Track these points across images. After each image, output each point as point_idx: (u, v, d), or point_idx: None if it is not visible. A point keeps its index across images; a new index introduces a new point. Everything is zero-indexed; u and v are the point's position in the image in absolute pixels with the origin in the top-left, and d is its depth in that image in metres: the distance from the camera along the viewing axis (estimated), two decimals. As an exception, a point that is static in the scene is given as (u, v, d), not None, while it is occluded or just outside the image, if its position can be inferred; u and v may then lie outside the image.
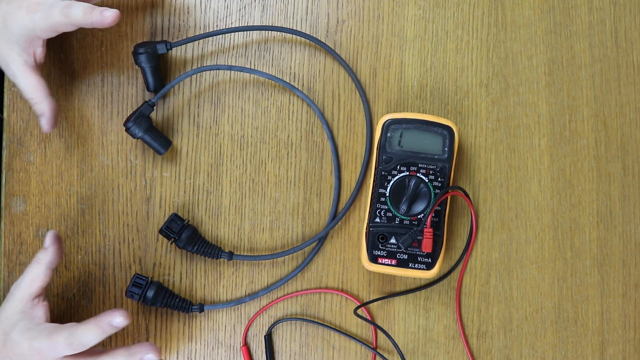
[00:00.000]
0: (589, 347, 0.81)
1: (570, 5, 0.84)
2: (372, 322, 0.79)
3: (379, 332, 0.80)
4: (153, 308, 0.79)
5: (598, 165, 0.83)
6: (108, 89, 0.82)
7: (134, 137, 0.77)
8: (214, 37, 0.82)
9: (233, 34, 0.83)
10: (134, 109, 0.79)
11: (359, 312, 0.80)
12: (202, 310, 0.78)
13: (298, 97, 0.82)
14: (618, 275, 0.81)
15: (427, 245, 0.75)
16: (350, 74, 0.82)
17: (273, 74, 0.82)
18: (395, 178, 0.76)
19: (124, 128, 0.77)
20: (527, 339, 0.80)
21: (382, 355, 0.79)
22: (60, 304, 0.79)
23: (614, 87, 0.84)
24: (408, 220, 0.76)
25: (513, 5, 0.84)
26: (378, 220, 0.76)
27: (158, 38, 0.83)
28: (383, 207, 0.76)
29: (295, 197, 0.81)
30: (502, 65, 0.83)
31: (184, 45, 0.82)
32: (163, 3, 0.83)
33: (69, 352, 0.68)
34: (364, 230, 0.77)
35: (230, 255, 0.79)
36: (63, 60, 0.82)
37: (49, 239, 0.71)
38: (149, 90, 0.81)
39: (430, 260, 0.76)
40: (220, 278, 0.80)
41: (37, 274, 0.70)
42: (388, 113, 0.81)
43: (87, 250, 0.80)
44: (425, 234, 0.75)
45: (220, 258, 0.79)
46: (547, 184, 0.82)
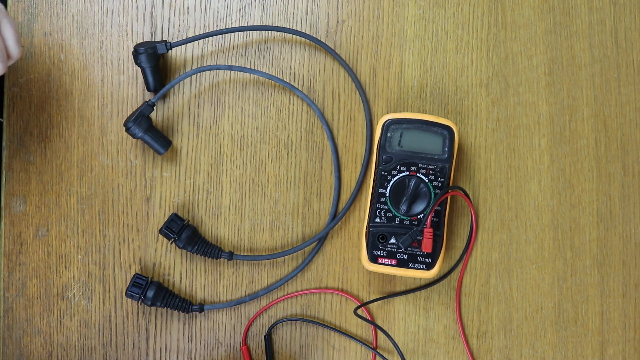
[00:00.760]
0: (589, 347, 0.81)
1: (570, 5, 0.84)
2: (372, 322, 0.79)
3: (379, 332, 0.80)
4: (153, 308, 0.79)
5: (598, 165, 0.83)
6: (108, 89, 0.82)
7: (134, 137, 0.77)
8: (214, 37, 0.82)
9: (233, 34, 0.83)
10: (134, 109, 0.79)
11: (359, 312, 0.80)
12: (202, 310, 0.78)
13: (298, 97, 0.82)
14: (618, 275, 0.81)
15: (427, 245, 0.75)
16: (350, 74, 0.82)
17: (273, 74, 0.82)
18: (395, 178, 0.76)
19: (124, 128, 0.77)
20: (527, 339, 0.80)
21: (382, 355, 0.79)
22: (60, 304, 0.79)
23: (614, 87, 0.84)
24: (408, 220, 0.76)
25: (513, 5, 0.84)
26: (378, 220, 0.76)
27: (158, 38, 0.83)
28: (383, 207, 0.76)
29: (295, 197, 0.81)
30: (502, 65, 0.83)
31: (184, 45, 0.82)
32: (163, 3, 0.83)
33: None
34: (364, 230, 0.77)
35: (230, 255, 0.79)
36: (63, 61, 0.82)
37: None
38: (149, 90, 0.81)
39: (430, 260, 0.76)
40: (220, 278, 0.80)
41: None
42: (388, 113, 0.81)
43: (87, 250, 0.80)
44: (425, 234, 0.75)
45: (220, 258, 0.79)
46: (547, 184, 0.82)
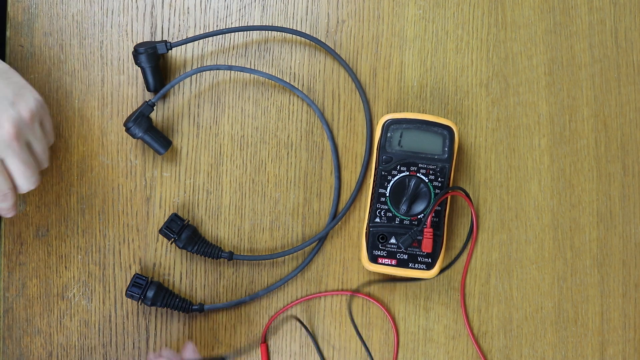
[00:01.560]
0: (589, 347, 0.81)
1: (570, 5, 0.84)
2: (355, 325, 0.79)
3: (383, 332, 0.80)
4: (153, 308, 0.79)
5: (598, 165, 0.83)
6: (108, 89, 0.82)
7: (134, 137, 0.77)
8: (214, 37, 0.82)
9: (233, 34, 0.83)
10: (134, 109, 0.79)
11: (353, 312, 0.80)
12: (202, 310, 0.78)
13: (298, 97, 0.82)
14: (618, 275, 0.81)
15: (427, 245, 0.75)
16: (350, 74, 0.82)
17: (273, 74, 0.82)
18: (395, 178, 0.76)
19: (124, 128, 0.77)
20: (527, 339, 0.80)
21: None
22: (60, 304, 0.79)
23: (614, 87, 0.84)
24: (408, 220, 0.76)
25: (513, 5, 0.84)
26: (378, 220, 0.76)
27: (158, 38, 0.83)
28: (383, 207, 0.76)
29: (295, 197, 0.81)
30: (502, 65, 0.83)
31: (184, 45, 0.82)
32: (163, 3, 0.83)
33: None
34: (364, 230, 0.77)
35: (230, 255, 0.79)
36: (63, 61, 0.82)
37: None
38: (149, 90, 0.81)
39: (430, 260, 0.76)
40: (220, 278, 0.80)
41: None
42: (388, 113, 0.81)
43: (87, 250, 0.80)
44: (425, 234, 0.75)
45: (220, 258, 0.79)
46: (547, 184, 0.82)
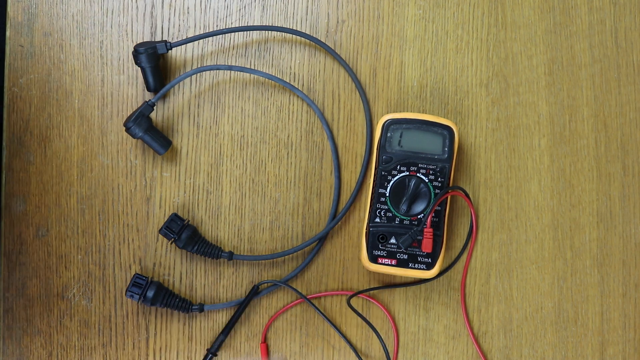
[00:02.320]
0: (589, 347, 0.81)
1: (570, 5, 0.84)
2: (361, 315, 0.79)
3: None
4: (153, 308, 0.79)
5: (598, 165, 0.83)
6: (108, 89, 0.82)
7: (134, 137, 0.77)
8: (214, 37, 0.82)
9: (233, 34, 0.83)
10: (134, 109, 0.79)
11: (354, 306, 0.80)
12: (202, 310, 0.78)
13: (298, 97, 0.82)
14: (618, 275, 0.81)
15: (427, 245, 0.75)
16: (350, 74, 0.82)
17: (273, 74, 0.82)
18: (395, 178, 0.76)
19: (124, 128, 0.77)
20: (527, 339, 0.80)
21: (358, 355, 0.79)
22: (60, 304, 0.79)
23: (614, 87, 0.84)
24: (408, 220, 0.76)
25: (513, 5, 0.84)
26: (378, 220, 0.76)
27: (158, 38, 0.83)
28: (383, 207, 0.76)
29: (295, 197, 0.81)
30: (502, 65, 0.83)
31: (184, 45, 0.82)
32: (163, 3, 0.83)
33: None
34: (364, 230, 0.77)
35: (230, 255, 0.79)
36: (63, 61, 0.82)
37: None
38: (149, 90, 0.81)
39: (430, 260, 0.76)
40: (220, 278, 0.80)
41: None
42: (388, 113, 0.81)
43: (87, 250, 0.80)
44: (425, 234, 0.75)
45: (220, 258, 0.79)
46: (547, 184, 0.82)
